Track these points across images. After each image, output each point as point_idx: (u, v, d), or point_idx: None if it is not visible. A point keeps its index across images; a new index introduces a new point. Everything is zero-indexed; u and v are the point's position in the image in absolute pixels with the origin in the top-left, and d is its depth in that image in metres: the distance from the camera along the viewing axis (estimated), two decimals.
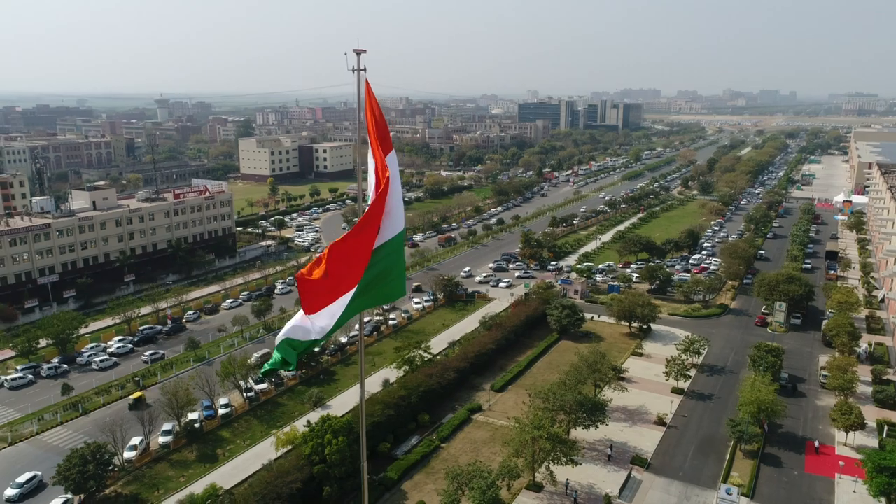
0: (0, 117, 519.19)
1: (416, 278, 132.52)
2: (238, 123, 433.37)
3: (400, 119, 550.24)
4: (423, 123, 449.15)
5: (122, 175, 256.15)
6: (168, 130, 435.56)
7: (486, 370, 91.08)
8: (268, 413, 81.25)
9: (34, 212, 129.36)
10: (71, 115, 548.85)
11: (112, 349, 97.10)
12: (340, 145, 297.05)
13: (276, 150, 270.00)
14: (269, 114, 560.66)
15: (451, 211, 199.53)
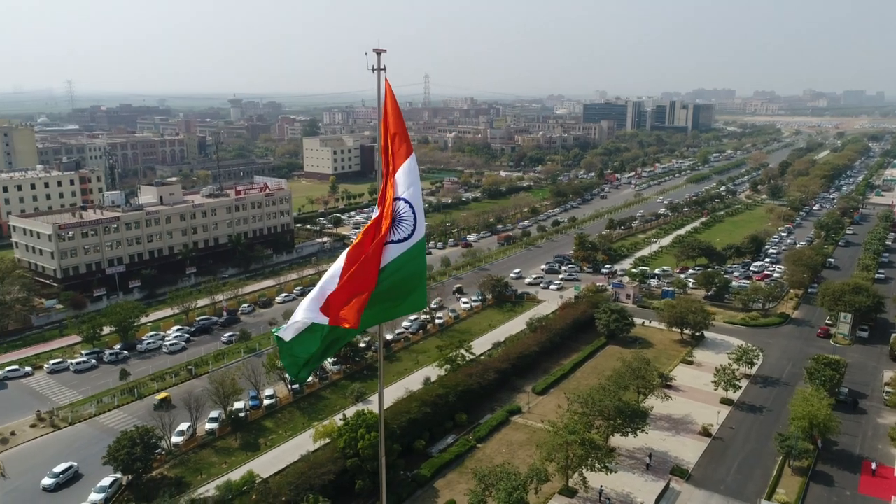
0: (86, 116, 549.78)
1: (467, 278, 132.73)
2: (305, 123, 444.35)
3: (463, 119, 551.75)
4: (485, 124, 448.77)
5: (193, 171, 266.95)
6: (239, 129, 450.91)
7: (528, 372, 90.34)
8: (311, 406, 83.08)
9: (105, 205, 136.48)
10: (151, 114, 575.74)
11: (170, 338, 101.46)
12: None
13: (338, 149, 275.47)
14: (336, 113, 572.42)
15: (507, 212, 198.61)
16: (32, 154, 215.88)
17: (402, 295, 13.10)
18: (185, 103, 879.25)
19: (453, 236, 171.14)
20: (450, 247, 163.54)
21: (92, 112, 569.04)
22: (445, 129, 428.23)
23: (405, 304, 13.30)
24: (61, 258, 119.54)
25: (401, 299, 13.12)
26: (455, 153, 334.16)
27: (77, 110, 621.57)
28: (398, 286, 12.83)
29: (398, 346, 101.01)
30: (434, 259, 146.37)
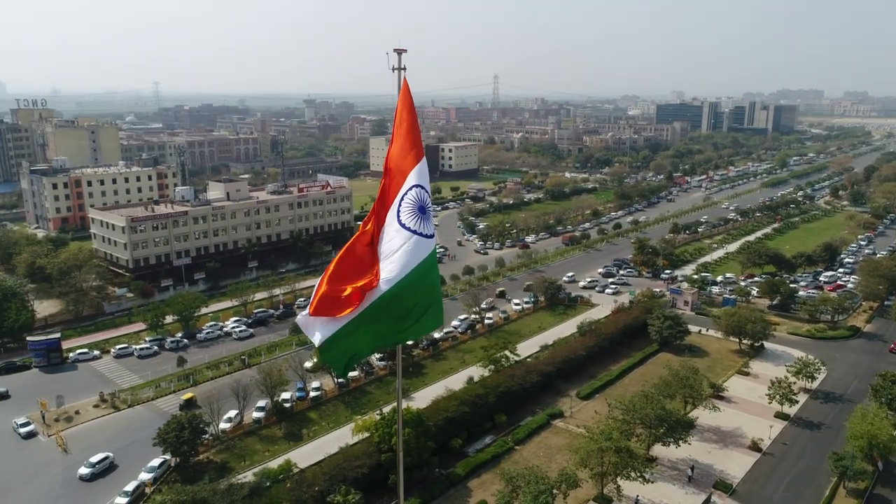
0: (170, 115, 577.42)
1: (522, 280, 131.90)
2: (374, 122, 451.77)
3: (533, 120, 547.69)
4: (553, 124, 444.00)
5: (264, 169, 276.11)
6: (311, 129, 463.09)
7: (573, 376, 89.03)
8: (355, 400, 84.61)
9: (176, 200, 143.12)
10: (230, 113, 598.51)
11: (227, 329, 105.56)
12: (466, 145, 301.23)
13: None
14: None
15: (568, 213, 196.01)
16: (116, 151, 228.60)
17: (418, 313, 12.85)
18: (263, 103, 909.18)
19: (511, 237, 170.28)
20: (507, 247, 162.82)
21: (176, 111, 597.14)
22: (513, 129, 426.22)
23: (422, 322, 12.99)
24: (133, 249, 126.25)
25: (416, 318, 12.88)
26: (521, 154, 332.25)
27: (163, 110, 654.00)
28: (413, 303, 12.60)
29: (445, 346, 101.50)
30: (489, 259, 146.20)
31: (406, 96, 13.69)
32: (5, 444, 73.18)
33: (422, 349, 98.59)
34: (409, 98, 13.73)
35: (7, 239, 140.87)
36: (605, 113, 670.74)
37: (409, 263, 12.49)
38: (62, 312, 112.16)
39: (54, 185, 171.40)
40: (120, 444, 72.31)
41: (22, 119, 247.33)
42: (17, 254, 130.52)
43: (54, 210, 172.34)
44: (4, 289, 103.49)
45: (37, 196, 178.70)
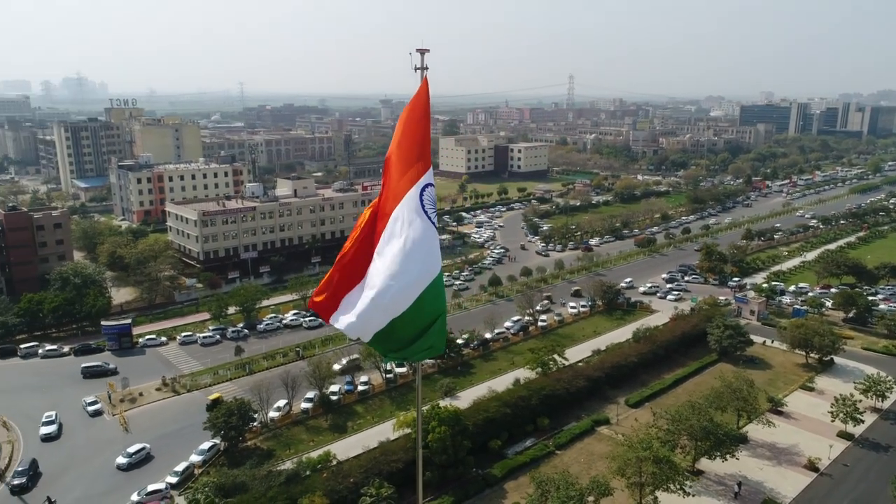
0: (253, 115, 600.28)
1: (580, 283, 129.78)
2: (445, 122, 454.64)
3: (609, 121, 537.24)
4: (628, 126, 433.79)
5: (336, 167, 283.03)
6: (385, 128, 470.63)
7: (624, 383, 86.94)
8: (401, 395, 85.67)
9: (246, 196, 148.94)
10: (310, 113, 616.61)
11: (286, 321, 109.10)
12: (536, 146, 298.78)
13: (472, 148, 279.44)
14: (480, 113, 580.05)
15: (636, 217, 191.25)
16: (197, 148, 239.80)
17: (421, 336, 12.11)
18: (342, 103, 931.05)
19: (574, 240, 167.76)
20: (570, 250, 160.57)
21: (258, 111, 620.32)
22: (586, 130, 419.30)
23: (423, 348, 12.30)
24: (204, 242, 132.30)
25: (418, 340, 12.15)
26: (592, 155, 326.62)
27: (247, 109, 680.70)
28: (418, 327, 11.94)
29: (496, 346, 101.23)
30: (550, 262, 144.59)
31: (424, 97, 13.15)
32: (75, 421, 78.25)
33: (472, 349, 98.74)
34: (426, 100, 13.12)
35: (93, 229, 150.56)
36: (685, 114, 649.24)
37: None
38: (136, 300, 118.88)
39: (138, 180, 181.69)
40: (175, 426, 76.01)
41: (114, 117, 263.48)
42: (100, 243, 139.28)
43: (138, 203, 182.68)
44: (84, 276, 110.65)
45: (123, 190, 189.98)
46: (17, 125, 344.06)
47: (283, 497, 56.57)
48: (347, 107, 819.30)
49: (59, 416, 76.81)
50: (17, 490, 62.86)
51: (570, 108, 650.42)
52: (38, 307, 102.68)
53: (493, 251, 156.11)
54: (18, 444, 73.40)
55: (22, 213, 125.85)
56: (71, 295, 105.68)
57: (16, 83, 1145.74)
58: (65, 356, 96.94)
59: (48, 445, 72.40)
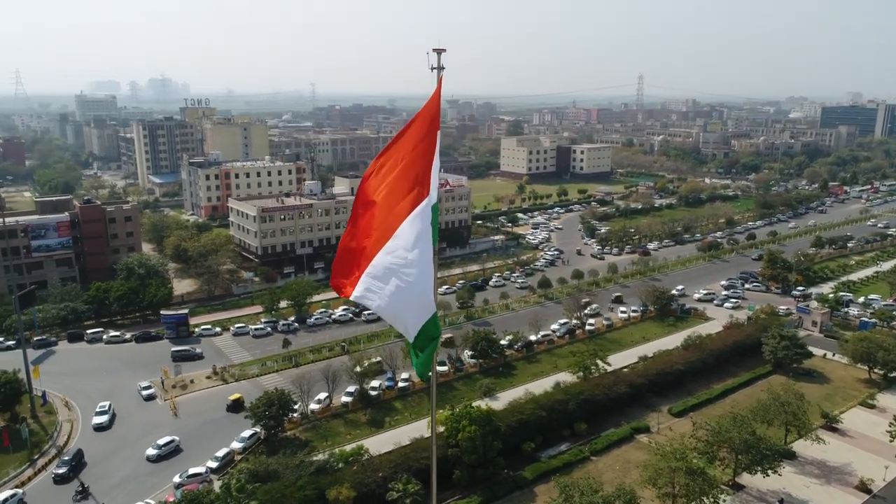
0: (323, 115, 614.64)
1: (634, 287, 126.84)
2: (510, 123, 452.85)
3: (680, 122, 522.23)
4: (698, 127, 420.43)
5: None
6: (449, 128, 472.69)
7: (669, 391, 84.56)
8: (441, 394, 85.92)
9: (304, 193, 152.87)
10: (378, 113, 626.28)
11: (335, 316, 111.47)
12: (599, 147, 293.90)
13: (534, 149, 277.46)
14: (546, 114, 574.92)
15: (699, 221, 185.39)
16: (264, 146, 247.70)
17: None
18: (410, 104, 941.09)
19: (632, 243, 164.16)
20: (626, 253, 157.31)
21: (328, 111, 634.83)
22: (654, 131, 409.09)
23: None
24: (262, 237, 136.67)
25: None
26: (658, 157, 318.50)
27: (317, 109, 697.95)
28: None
29: (540, 348, 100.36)
30: (603, 265, 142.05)
31: (437, 98, 14.12)
32: (130, 404, 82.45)
33: (515, 350, 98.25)
34: (438, 99, 14.08)
35: (161, 223, 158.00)
36: (762, 115, 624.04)
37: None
38: (197, 291, 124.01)
39: (207, 176, 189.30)
40: (220, 414, 78.93)
41: (189, 117, 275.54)
42: (167, 236, 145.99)
43: (206, 198, 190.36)
44: (148, 267, 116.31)
45: (192, 185, 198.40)
46: (102, 123, 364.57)
47: (311, 487, 57.92)
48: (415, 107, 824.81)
49: (113, 406, 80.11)
50: (59, 479, 64.85)
51: (639, 109, 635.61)
52: (105, 295, 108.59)
53: (547, 253, 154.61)
54: (77, 423, 77.98)
55: (96, 206, 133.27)
56: (135, 284, 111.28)
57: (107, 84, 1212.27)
58: (126, 342, 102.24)
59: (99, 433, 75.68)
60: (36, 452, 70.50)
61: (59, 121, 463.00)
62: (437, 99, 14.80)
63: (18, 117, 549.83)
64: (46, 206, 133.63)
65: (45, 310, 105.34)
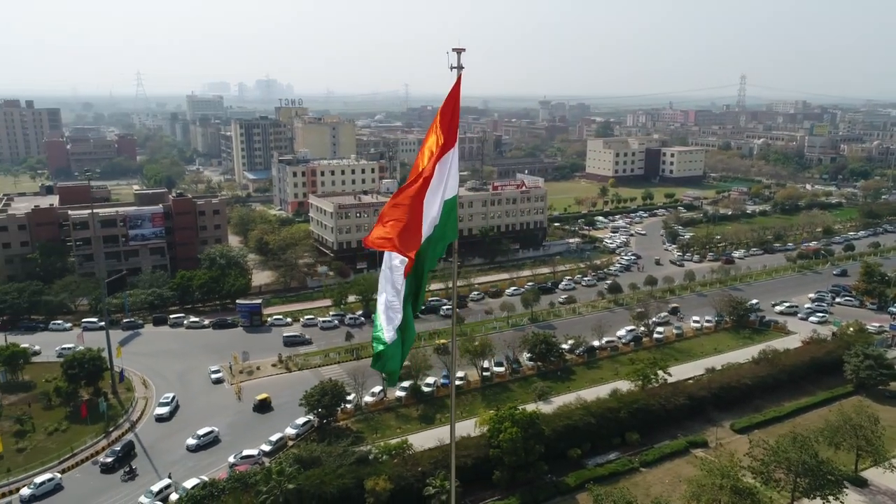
0: (415, 115, 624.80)
1: (711, 297, 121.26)
2: (600, 124, 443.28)
3: (787, 125, 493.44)
4: (804, 130, 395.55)
5: (482, 167, 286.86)
6: (538, 129, 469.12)
7: (733, 406, 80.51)
8: (495, 394, 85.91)
9: (381, 191, 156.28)
10: (468, 114, 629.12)
11: None
12: (691, 150, 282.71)
13: (621, 151, 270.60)
14: (640, 115, 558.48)
15: (793, 229, 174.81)
16: (351, 145, 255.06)
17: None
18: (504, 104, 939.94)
19: (716, 250, 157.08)
20: (709, 261, 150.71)
21: (420, 111, 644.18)
22: (755, 134, 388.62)
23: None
24: (338, 233, 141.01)
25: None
26: (756, 161, 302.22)
27: (410, 109, 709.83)
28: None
29: (603, 354, 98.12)
30: (681, 272, 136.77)
31: (456, 96, 15.12)
32: (200, 387, 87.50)
33: (576, 355, 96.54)
34: (458, 95, 15.12)
35: (247, 216, 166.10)
36: (881, 118, 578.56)
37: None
38: (274, 283, 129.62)
39: (294, 174, 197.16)
40: (278, 401, 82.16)
41: (282, 116, 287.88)
42: (251, 230, 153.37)
43: (293, 195, 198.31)
44: (228, 258, 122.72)
45: (281, 182, 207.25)
46: (206, 122, 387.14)
47: (350, 475, 59.51)
48: (508, 108, 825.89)
49: (181, 392, 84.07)
50: (105, 468, 67.09)
51: (742, 111, 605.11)
52: (189, 283, 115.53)
53: (623, 258, 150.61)
54: (151, 400, 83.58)
55: (187, 199, 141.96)
56: (216, 274, 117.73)
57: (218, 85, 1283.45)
58: (204, 328, 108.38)
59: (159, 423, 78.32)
60: (111, 425, 76.17)
61: (170, 119, 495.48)
62: (455, 99, 15.37)
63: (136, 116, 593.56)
64: (144, 198, 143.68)
65: (135, 294, 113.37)
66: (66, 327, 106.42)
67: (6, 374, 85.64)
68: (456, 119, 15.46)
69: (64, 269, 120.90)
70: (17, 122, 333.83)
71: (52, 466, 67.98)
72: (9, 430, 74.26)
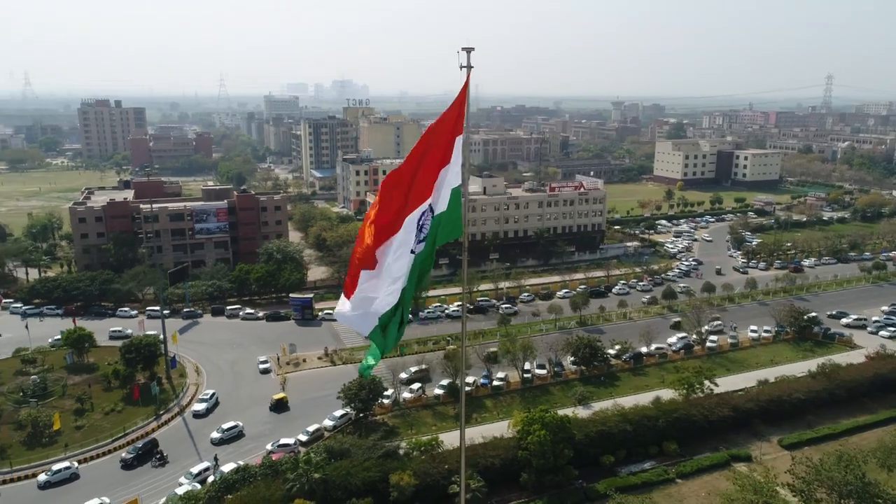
0: (483, 115, 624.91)
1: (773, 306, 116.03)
2: (673, 125, 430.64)
3: (877, 127, 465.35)
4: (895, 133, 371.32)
5: (546, 168, 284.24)
6: (608, 131, 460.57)
7: (783, 421, 76.91)
8: (534, 397, 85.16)
9: None
10: (540, 114, 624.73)
11: (448, 311, 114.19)
12: (766, 153, 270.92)
13: (691, 153, 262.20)
14: (717, 117, 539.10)
15: (872, 238, 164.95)
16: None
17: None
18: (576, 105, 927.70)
19: (784, 258, 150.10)
20: (775, 269, 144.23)
21: (489, 112, 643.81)
22: (840, 137, 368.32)
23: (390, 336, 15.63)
24: None
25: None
26: (838, 166, 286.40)
27: (480, 110, 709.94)
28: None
29: (650, 361, 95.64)
30: (741, 280, 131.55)
31: (463, 98, 15.68)
32: (248, 376, 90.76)
33: (623, 361, 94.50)
34: (467, 91, 15.66)
35: (308, 213, 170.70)
36: None
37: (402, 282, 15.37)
38: (329, 278, 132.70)
39: (357, 172, 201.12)
40: (320, 393, 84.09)
41: (349, 116, 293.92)
42: (311, 226, 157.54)
43: (355, 193, 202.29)
44: (285, 253, 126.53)
45: (344, 180, 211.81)
46: (279, 122, 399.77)
47: (376, 469, 60.46)
48: (580, 108, 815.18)
49: (221, 390, 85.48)
50: (125, 465, 68.03)
51: (828, 113, 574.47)
52: (246, 276, 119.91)
53: (683, 263, 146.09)
54: (202, 387, 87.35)
55: (250, 195, 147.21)
56: (272, 268, 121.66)
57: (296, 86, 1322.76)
58: (258, 320, 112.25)
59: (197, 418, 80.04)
60: (162, 409, 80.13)
61: (247, 119, 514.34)
62: (463, 99, 15.75)
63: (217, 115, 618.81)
64: (210, 193, 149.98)
65: (196, 285, 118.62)
66: (132, 315, 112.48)
67: (73, 357, 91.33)
68: (463, 111, 16.16)
69: (134, 259, 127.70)
70: (107, 121, 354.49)
71: (105, 444, 72.16)
72: (70, 408, 79.27)
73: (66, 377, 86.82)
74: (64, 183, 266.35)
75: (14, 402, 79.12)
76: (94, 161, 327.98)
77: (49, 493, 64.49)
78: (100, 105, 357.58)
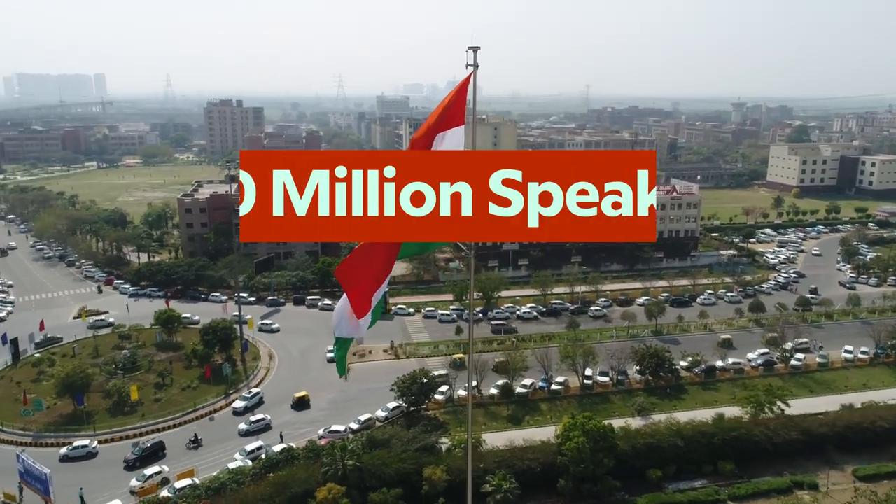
0: (594, 116, 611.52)
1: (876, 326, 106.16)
2: (794, 128, 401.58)
3: None
4: None
5: None
6: (723, 133, 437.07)
7: (864, 450, 70.48)
8: (592, 404, 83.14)
9: None
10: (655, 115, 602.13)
11: (519, 313, 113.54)
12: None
13: (809, 158, 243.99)
14: (850, 119, 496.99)
15: None
16: (513, 145, 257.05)
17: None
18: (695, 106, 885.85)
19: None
20: (888, 285, 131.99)
21: (600, 113, 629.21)
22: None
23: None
24: None
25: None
26: None
27: (591, 111, 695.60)
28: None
29: (724, 376, 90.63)
30: (840, 295, 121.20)
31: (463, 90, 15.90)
32: (316, 365, 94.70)
33: (693, 373, 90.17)
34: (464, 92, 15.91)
35: None
36: None
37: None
38: (409, 274, 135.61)
39: None
40: (378, 384, 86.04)
41: None
42: None
43: None
44: None
45: None
46: (386, 121, 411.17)
47: (411, 461, 61.54)
48: (699, 110, 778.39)
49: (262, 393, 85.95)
50: (128, 465, 68.15)
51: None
52: (328, 268, 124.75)
53: (782, 275, 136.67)
54: (272, 371, 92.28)
55: None
56: None
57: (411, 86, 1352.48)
58: None
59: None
60: (232, 388, 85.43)
61: (358, 118, 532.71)
62: (463, 98, 16.24)
63: (332, 115, 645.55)
64: None
65: (282, 275, 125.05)
66: (223, 300, 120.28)
67: (163, 335, 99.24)
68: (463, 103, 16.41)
69: (229, 248, 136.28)
70: (228, 119, 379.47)
71: (177, 417, 78.05)
72: (152, 382, 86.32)
73: (153, 353, 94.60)
74: (186, 176, 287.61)
75: (107, 373, 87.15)
76: (216, 157, 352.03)
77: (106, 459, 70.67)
78: (223, 104, 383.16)
